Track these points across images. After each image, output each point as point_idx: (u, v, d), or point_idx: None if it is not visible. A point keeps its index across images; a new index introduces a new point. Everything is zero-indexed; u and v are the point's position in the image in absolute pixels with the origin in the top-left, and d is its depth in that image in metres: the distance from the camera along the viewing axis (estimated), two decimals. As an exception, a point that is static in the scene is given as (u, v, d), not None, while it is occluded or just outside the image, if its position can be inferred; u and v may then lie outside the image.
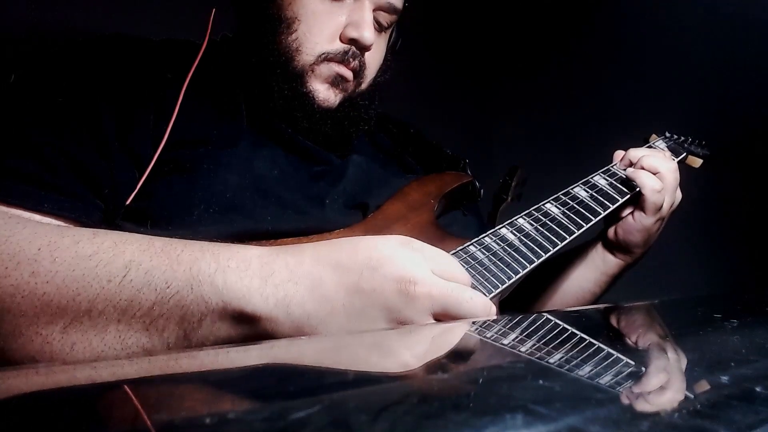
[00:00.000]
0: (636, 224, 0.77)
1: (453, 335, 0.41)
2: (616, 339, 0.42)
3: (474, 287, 0.52)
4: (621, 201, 0.76)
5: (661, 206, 0.76)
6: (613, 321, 0.49)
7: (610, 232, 0.81)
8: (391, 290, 0.42)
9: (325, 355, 0.35)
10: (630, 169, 0.77)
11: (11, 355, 0.42)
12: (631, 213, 0.78)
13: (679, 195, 0.80)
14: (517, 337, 0.38)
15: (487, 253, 0.60)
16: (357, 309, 0.42)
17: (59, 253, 0.43)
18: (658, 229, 0.80)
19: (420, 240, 0.47)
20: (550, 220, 0.68)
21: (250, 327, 0.42)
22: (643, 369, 0.31)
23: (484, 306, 0.44)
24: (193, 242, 0.46)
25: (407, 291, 0.42)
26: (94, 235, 0.46)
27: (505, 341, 0.37)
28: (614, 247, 0.82)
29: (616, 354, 0.34)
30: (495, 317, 0.46)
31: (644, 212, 0.76)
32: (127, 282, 0.42)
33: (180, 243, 0.45)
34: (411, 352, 0.35)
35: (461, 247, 0.60)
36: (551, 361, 0.30)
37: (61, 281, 0.42)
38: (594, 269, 0.84)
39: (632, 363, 0.32)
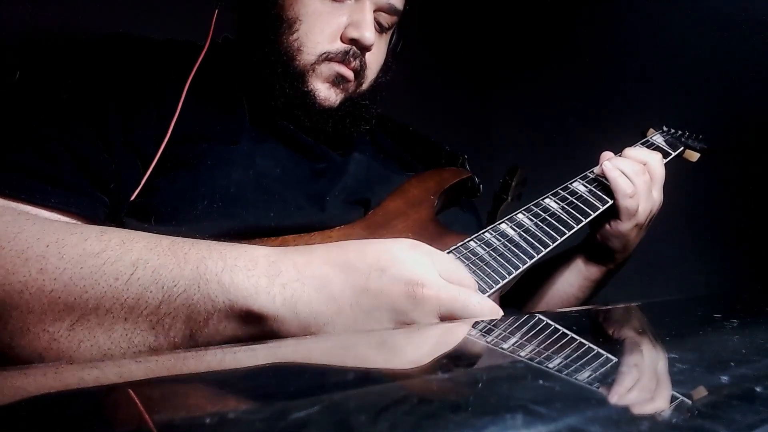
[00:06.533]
0: (612, 230, 0.76)
1: (451, 336, 0.41)
2: (615, 340, 0.42)
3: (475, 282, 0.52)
4: None
5: (636, 212, 0.74)
6: (613, 321, 0.49)
7: (591, 238, 0.81)
8: (398, 292, 0.42)
9: (327, 353, 0.34)
10: (606, 168, 0.74)
11: (19, 353, 0.42)
12: (608, 219, 0.77)
13: (658, 200, 0.78)
14: (517, 339, 0.38)
15: (488, 249, 0.60)
16: (364, 309, 0.42)
17: (67, 251, 0.43)
18: (636, 235, 0.78)
19: (420, 236, 0.47)
20: (549, 215, 0.68)
21: (256, 326, 0.42)
22: (643, 369, 0.31)
23: (491, 310, 0.44)
24: (200, 241, 0.46)
25: (415, 293, 0.42)
26: (102, 232, 0.46)
27: (505, 343, 0.37)
28: (595, 252, 0.82)
29: (615, 354, 0.34)
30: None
31: (619, 218, 0.75)
32: (135, 280, 0.42)
33: (187, 242, 0.45)
34: (411, 352, 0.35)
35: (461, 243, 0.60)
36: (551, 362, 0.30)
37: (69, 279, 0.42)
38: (577, 274, 0.84)
39: (632, 363, 0.32)
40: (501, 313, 0.45)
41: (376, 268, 0.42)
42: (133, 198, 0.59)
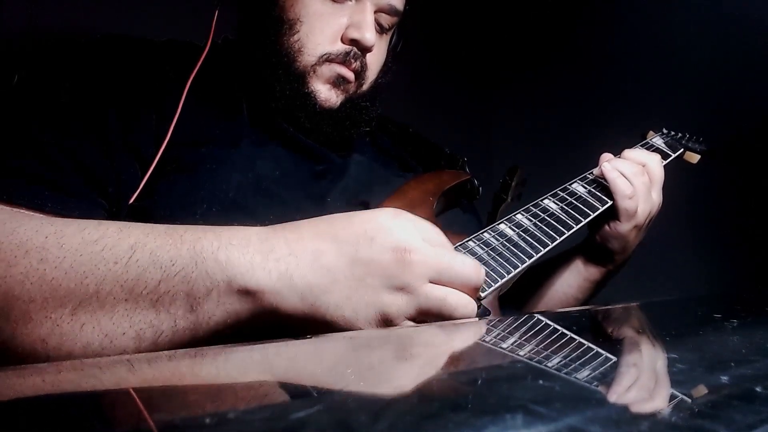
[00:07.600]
0: (611, 231, 0.76)
1: (451, 336, 0.41)
2: (615, 339, 0.42)
3: None
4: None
5: (635, 213, 0.74)
6: (613, 321, 0.49)
7: (590, 239, 0.81)
8: (388, 259, 0.43)
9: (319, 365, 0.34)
10: (605, 169, 0.74)
11: (22, 340, 0.43)
12: (607, 221, 0.77)
13: (657, 201, 0.78)
14: (517, 339, 0.38)
15: (487, 248, 0.60)
16: (357, 278, 0.43)
17: (66, 240, 0.44)
18: (636, 236, 0.78)
19: None
20: (548, 216, 0.68)
21: (254, 301, 0.43)
22: (643, 369, 0.31)
23: (474, 268, 0.46)
24: (194, 226, 0.47)
25: (404, 259, 0.43)
26: (99, 223, 0.47)
27: (505, 343, 0.37)
28: (594, 253, 0.82)
29: (615, 354, 0.34)
30: (493, 316, 0.46)
31: (618, 219, 0.75)
32: (133, 262, 0.43)
33: (182, 226, 0.47)
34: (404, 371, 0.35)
35: (460, 243, 0.60)
36: (551, 362, 0.30)
37: (69, 266, 0.43)
38: (576, 275, 0.84)
39: (632, 363, 0.32)
40: (483, 271, 0.48)
41: (364, 238, 0.44)
42: (131, 201, 0.59)
